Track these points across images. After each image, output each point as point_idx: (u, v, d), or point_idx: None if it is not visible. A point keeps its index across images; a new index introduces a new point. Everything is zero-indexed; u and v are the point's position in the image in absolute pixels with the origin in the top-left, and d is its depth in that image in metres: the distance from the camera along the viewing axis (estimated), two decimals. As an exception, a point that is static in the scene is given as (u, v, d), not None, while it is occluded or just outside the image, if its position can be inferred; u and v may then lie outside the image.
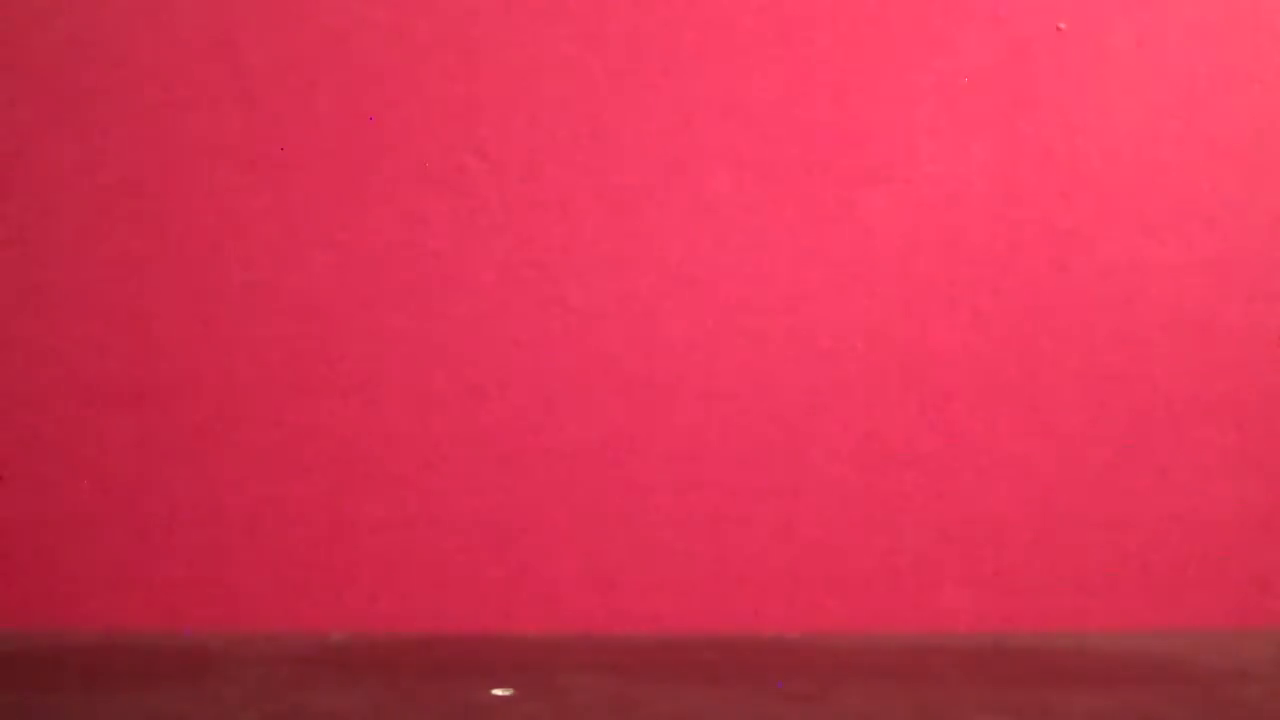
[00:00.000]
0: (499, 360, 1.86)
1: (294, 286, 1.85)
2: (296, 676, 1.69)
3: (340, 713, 1.58)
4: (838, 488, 1.86)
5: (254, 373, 1.85)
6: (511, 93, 1.85)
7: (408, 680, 1.70)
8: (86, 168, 1.84)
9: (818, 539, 1.86)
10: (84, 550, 1.85)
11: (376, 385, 1.85)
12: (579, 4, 1.85)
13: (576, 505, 1.86)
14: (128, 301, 1.84)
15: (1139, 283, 1.87)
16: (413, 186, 1.85)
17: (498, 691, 1.63)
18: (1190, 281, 1.87)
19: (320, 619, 1.85)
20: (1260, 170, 1.87)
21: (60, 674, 1.72)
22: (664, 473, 1.86)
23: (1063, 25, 1.86)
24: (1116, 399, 1.87)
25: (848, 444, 1.86)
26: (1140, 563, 1.87)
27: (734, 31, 1.85)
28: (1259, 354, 1.87)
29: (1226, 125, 1.87)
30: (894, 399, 1.87)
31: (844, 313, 1.86)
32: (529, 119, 1.85)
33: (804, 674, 1.72)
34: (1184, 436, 1.87)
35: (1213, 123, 1.87)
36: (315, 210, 1.85)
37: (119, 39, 1.83)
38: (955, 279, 1.87)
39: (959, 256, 1.86)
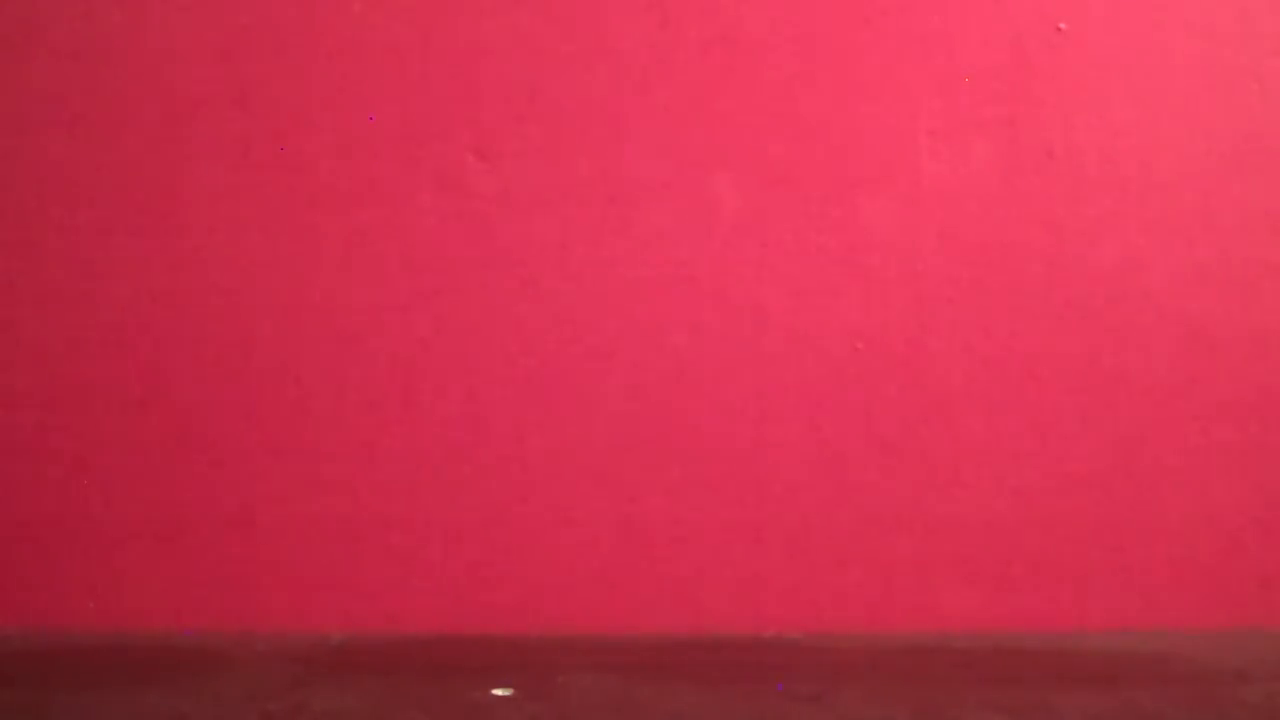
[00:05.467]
0: (498, 360, 1.86)
1: (293, 287, 1.85)
2: (296, 676, 1.70)
3: (340, 713, 1.58)
4: (838, 488, 1.86)
5: (253, 372, 1.85)
6: (511, 93, 1.85)
7: (408, 680, 1.70)
8: (87, 169, 1.84)
9: (818, 539, 1.86)
10: (84, 550, 1.85)
11: (376, 385, 1.85)
12: (579, 5, 1.85)
13: (576, 506, 1.86)
14: (128, 302, 1.84)
15: (1139, 283, 1.87)
16: (413, 186, 1.85)
17: (498, 691, 1.63)
18: (1190, 281, 1.87)
19: (320, 619, 1.85)
20: (1260, 171, 1.87)
21: (60, 674, 1.72)
22: (664, 473, 1.86)
23: (1063, 25, 1.86)
24: (1116, 399, 1.87)
25: (848, 444, 1.86)
26: (1140, 563, 1.87)
27: (734, 32, 1.85)
28: (1259, 354, 1.87)
29: (1226, 125, 1.87)
30: (894, 399, 1.87)
31: (844, 313, 1.86)
32: (529, 119, 1.85)
33: (804, 674, 1.72)
34: (1184, 436, 1.87)
35: (1213, 123, 1.87)
36: (315, 210, 1.85)
37: (119, 41, 1.83)
38: (955, 279, 1.87)
39: (959, 256, 1.86)
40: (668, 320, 1.86)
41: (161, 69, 1.84)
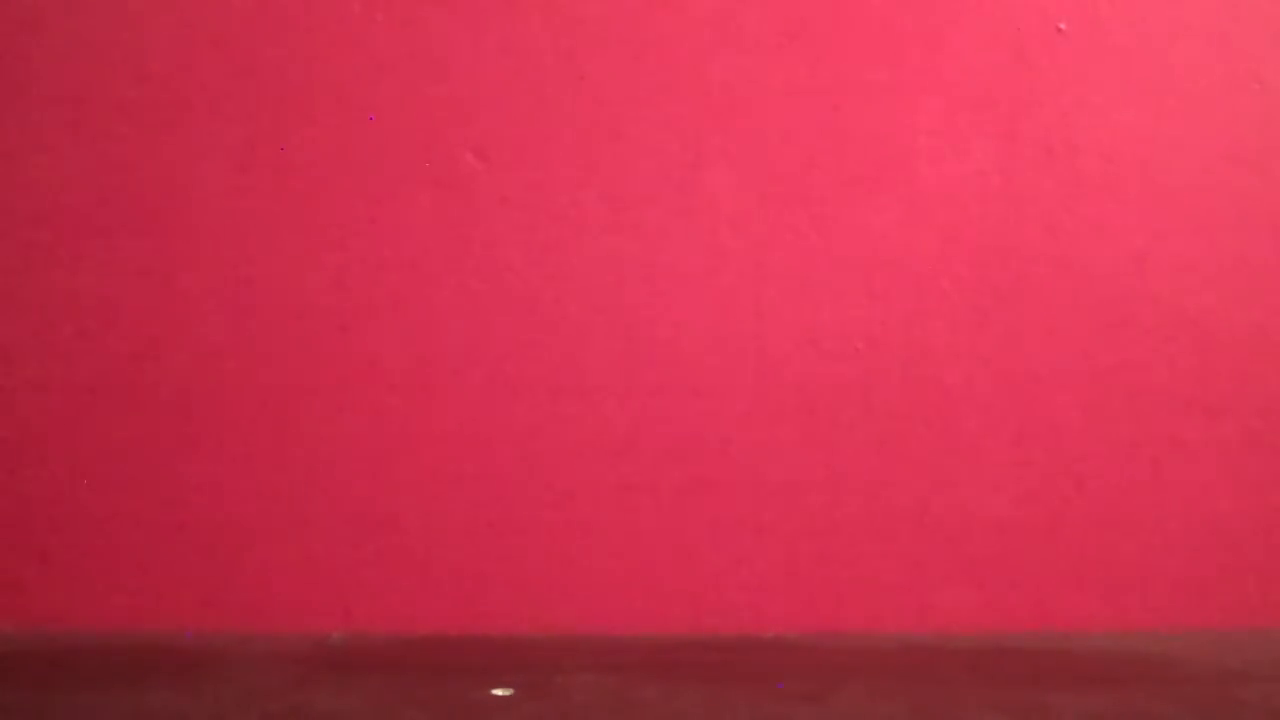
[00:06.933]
0: (498, 360, 1.86)
1: (294, 286, 1.85)
2: (296, 676, 1.70)
3: (340, 713, 1.58)
4: (838, 488, 1.86)
5: (254, 373, 1.85)
6: (511, 93, 1.85)
7: (408, 680, 1.70)
8: (87, 169, 1.84)
9: (818, 539, 1.86)
10: (84, 550, 1.85)
11: (376, 385, 1.85)
12: (579, 5, 1.85)
13: (577, 506, 1.86)
14: (128, 302, 1.84)
15: (1139, 283, 1.87)
16: (413, 186, 1.85)
17: (498, 691, 1.63)
18: (1190, 281, 1.87)
19: (320, 619, 1.85)
20: (1260, 170, 1.87)
21: (60, 674, 1.72)
22: (664, 473, 1.86)
23: (1063, 25, 1.86)
24: (1116, 398, 1.87)
25: (848, 444, 1.86)
26: (1140, 563, 1.87)
27: (735, 32, 1.85)
28: (1259, 354, 1.87)
29: (1226, 125, 1.87)
30: (894, 399, 1.87)
31: (844, 313, 1.86)
32: (529, 119, 1.85)
33: (804, 674, 1.72)
34: (1185, 436, 1.87)
35: (1213, 123, 1.87)
36: (315, 210, 1.85)
37: (119, 40, 1.83)
38: (955, 279, 1.87)
39: (959, 256, 1.86)
40: (667, 320, 1.86)
41: (162, 69, 1.84)
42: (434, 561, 1.86)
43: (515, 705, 1.60)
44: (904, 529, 1.87)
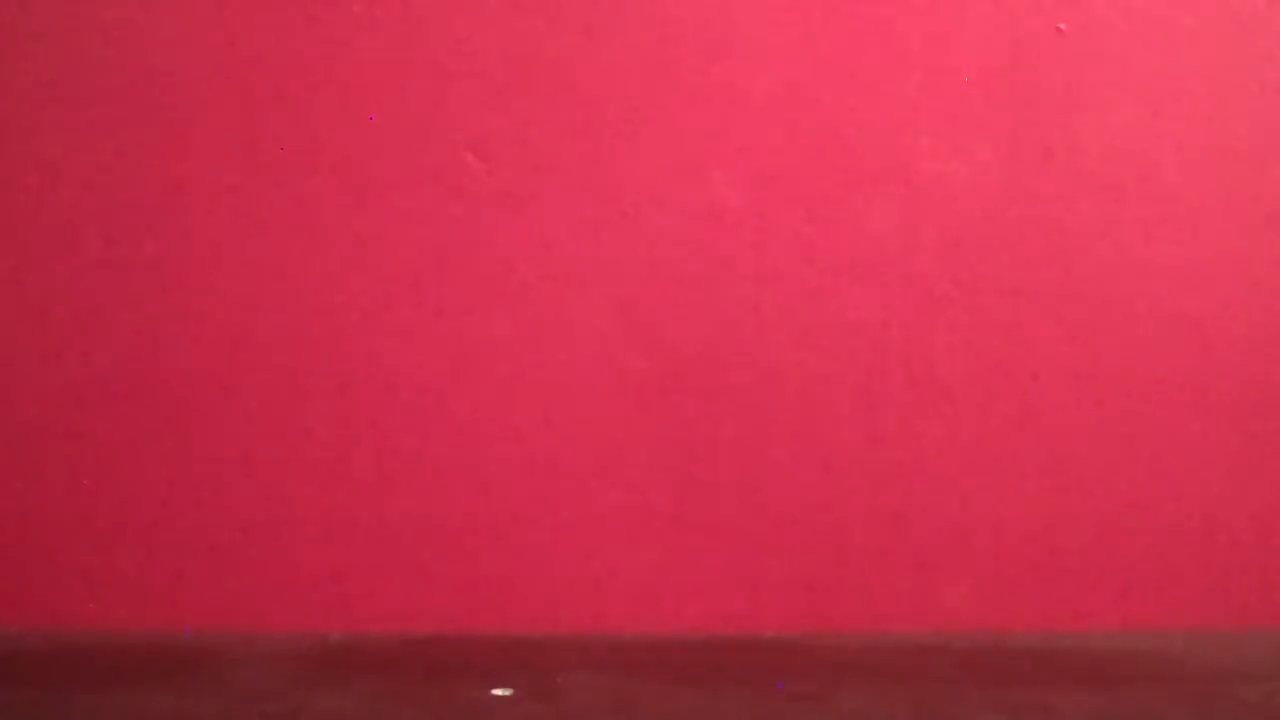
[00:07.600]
0: (498, 360, 1.86)
1: (294, 286, 1.85)
2: (296, 676, 1.70)
3: (340, 713, 1.58)
4: (837, 487, 1.86)
5: (253, 372, 1.85)
6: (511, 92, 1.85)
7: (408, 680, 1.70)
8: (86, 168, 1.84)
9: (818, 539, 1.86)
10: (84, 550, 1.85)
11: (375, 385, 1.85)
12: (579, 4, 1.85)
13: (576, 505, 1.86)
14: (127, 301, 1.84)
15: (1139, 283, 1.87)
16: (413, 186, 1.85)
17: (498, 691, 1.63)
18: (1190, 281, 1.87)
19: (320, 619, 1.85)
20: (1260, 171, 1.87)
21: (60, 674, 1.72)
22: (664, 472, 1.86)
23: (1063, 25, 1.86)
24: (1116, 399, 1.87)
25: (848, 444, 1.86)
26: (1140, 563, 1.87)
27: (734, 31, 1.85)
28: (1259, 354, 1.87)
29: (1226, 125, 1.87)
30: (894, 398, 1.86)
31: (844, 312, 1.86)
32: (529, 118, 1.85)
33: (804, 674, 1.72)
34: (1184, 436, 1.87)
35: (1213, 122, 1.87)
36: (315, 210, 1.85)
37: (119, 40, 1.83)
38: (955, 279, 1.87)
39: (959, 256, 1.86)
40: (666, 320, 1.86)
41: (163, 70, 1.83)
42: (434, 561, 1.86)
43: (515, 705, 1.60)
44: (904, 529, 1.86)
